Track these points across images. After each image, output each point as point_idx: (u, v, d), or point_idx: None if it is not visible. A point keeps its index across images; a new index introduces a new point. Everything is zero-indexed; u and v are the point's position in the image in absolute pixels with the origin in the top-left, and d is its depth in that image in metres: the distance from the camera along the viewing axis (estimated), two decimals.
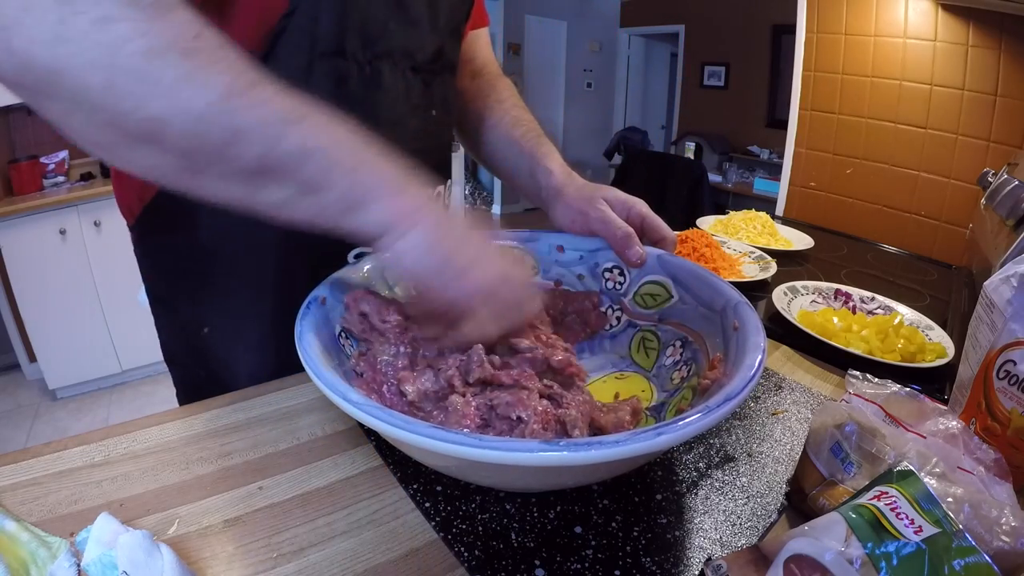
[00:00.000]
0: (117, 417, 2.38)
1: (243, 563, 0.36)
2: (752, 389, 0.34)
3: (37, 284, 2.27)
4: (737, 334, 0.42)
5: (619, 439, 0.29)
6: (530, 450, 0.28)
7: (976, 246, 0.95)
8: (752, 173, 4.15)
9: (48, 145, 2.50)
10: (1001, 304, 0.44)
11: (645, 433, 0.29)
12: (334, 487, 0.43)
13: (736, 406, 0.33)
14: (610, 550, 0.38)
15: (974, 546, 0.29)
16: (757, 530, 0.40)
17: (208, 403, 0.52)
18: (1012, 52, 1.47)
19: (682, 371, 0.48)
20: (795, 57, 1.92)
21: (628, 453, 0.29)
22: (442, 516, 0.40)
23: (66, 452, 0.45)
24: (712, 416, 0.31)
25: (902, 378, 0.55)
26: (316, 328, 0.42)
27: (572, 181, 0.59)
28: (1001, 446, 0.41)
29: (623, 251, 0.54)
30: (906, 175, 1.74)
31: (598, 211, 0.54)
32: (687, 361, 0.48)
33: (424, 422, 0.31)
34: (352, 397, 0.32)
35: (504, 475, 0.36)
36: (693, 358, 0.48)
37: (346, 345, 0.45)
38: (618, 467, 0.38)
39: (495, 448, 0.28)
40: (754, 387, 0.34)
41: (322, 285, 0.47)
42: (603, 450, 0.28)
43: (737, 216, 1.21)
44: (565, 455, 0.28)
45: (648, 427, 0.30)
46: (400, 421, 0.30)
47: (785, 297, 0.81)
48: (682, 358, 0.49)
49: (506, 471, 0.34)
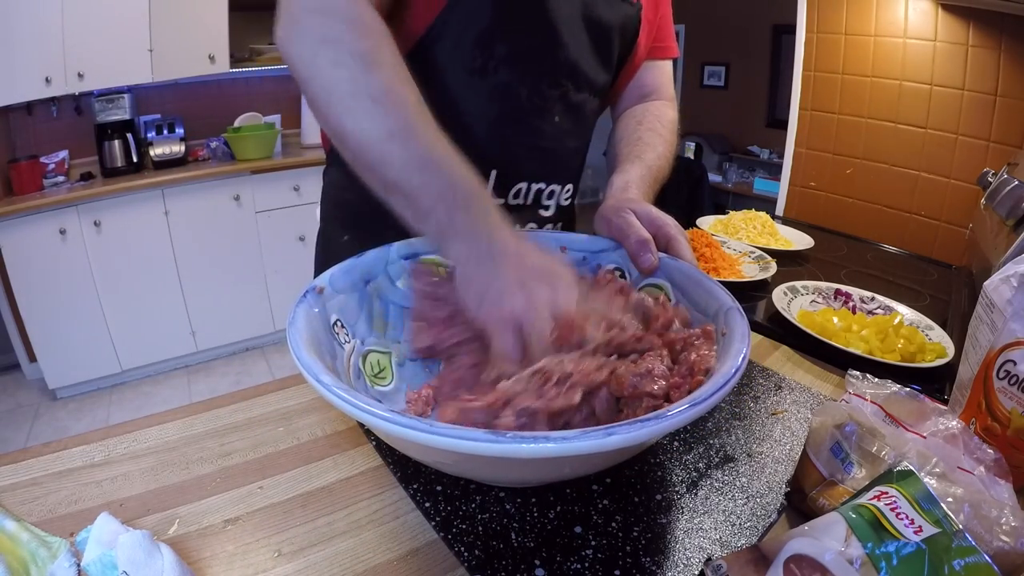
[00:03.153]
0: (117, 417, 2.38)
1: (243, 563, 0.36)
2: (723, 397, 0.34)
3: (37, 284, 2.27)
4: (723, 340, 0.42)
5: (567, 436, 0.29)
6: (476, 439, 0.29)
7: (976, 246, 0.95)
8: (752, 173, 4.14)
9: (48, 145, 2.49)
10: (1001, 304, 0.44)
11: (595, 432, 0.29)
12: (334, 487, 0.43)
13: (702, 412, 0.32)
14: (610, 550, 0.38)
15: (974, 546, 0.29)
16: (757, 530, 0.40)
17: (208, 403, 0.52)
18: (1012, 52, 1.47)
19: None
20: (795, 57, 1.92)
21: (574, 451, 0.29)
22: (442, 516, 0.40)
23: (66, 452, 0.45)
24: (668, 421, 0.31)
25: (902, 378, 0.55)
26: (309, 316, 0.43)
27: (620, 194, 0.62)
28: (1001, 446, 0.41)
29: (636, 257, 0.54)
30: (906, 175, 1.74)
31: (621, 218, 0.56)
32: None
33: (380, 404, 0.32)
34: (323, 379, 0.34)
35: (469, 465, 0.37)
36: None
37: (340, 334, 0.46)
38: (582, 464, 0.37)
39: (444, 435, 0.29)
40: (725, 395, 0.34)
41: (322, 276, 0.48)
42: (549, 445, 0.29)
43: (737, 216, 1.21)
44: (510, 447, 0.29)
45: (600, 427, 0.30)
46: (358, 401, 0.32)
47: (785, 297, 0.81)
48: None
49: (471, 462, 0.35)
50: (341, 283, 0.48)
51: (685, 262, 0.53)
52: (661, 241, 0.55)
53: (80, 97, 2.51)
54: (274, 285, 2.77)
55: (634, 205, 0.57)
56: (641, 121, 0.75)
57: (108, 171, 2.51)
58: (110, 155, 2.51)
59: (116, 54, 2.37)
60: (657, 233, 0.55)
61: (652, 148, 0.70)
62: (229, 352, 2.81)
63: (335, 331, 0.46)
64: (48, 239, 2.24)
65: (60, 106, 2.51)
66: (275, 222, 2.69)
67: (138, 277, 2.45)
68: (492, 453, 0.29)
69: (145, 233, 2.42)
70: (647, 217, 0.56)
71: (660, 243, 0.55)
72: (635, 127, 0.74)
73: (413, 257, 0.54)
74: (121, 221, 2.36)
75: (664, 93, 0.81)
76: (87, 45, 2.29)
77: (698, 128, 4.54)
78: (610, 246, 0.57)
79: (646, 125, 0.74)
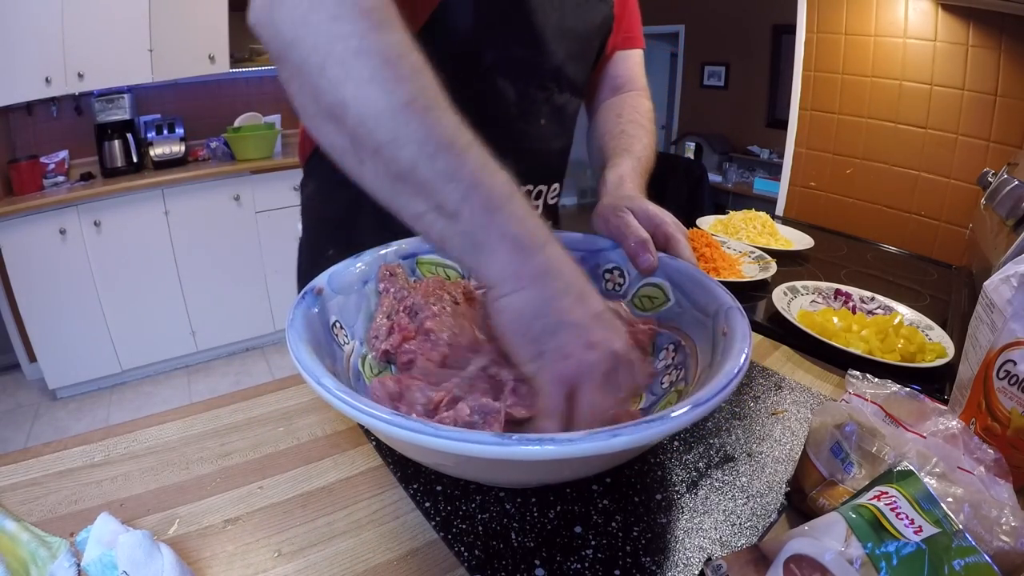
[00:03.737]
0: (117, 417, 2.38)
1: (243, 563, 0.36)
2: (726, 397, 0.34)
3: (37, 284, 2.27)
4: (724, 340, 0.42)
5: (571, 438, 0.29)
6: (480, 442, 0.29)
7: (976, 246, 0.95)
8: (752, 173, 4.14)
9: (48, 145, 2.50)
10: (1001, 304, 0.44)
11: (600, 434, 0.29)
12: (334, 487, 0.43)
13: (706, 413, 0.32)
14: (610, 550, 0.38)
15: (974, 546, 0.29)
16: (757, 530, 0.40)
17: (208, 403, 0.52)
18: (1012, 52, 1.47)
19: (672, 375, 0.48)
20: (795, 57, 1.92)
21: (579, 452, 0.29)
22: (442, 516, 0.40)
23: (66, 452, 0.45)
24: (672, 423, 0.31)
25: (902, 378, 0.55)
26: (308, 316, 0.43)
27: (616, 191, 0.61)
28: (1001, 446, 0.41)
29: (634, 257, 0.53)
30: (906, 175, 1.74)
31: (618, 218, 0.55)
32: (678, 365, 0.48)
33: (378, 404, 0.32)
34: (324, 381, 0.34)
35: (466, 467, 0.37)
36: (683, 363, 0.47)
37: (339, 335, 0.46)
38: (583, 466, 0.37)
39: (447, 438, 0.29)
40: (729, 394, 0.34)
41: (321, 276, 0.48)
42: (555, 447, 0.29)
43: (737, 216, 1.21)
44: (515, 450, 0.29)
45: (604, 429, 0.30)
46: (354, 399, 0.32)
47: (785, 297, 0.81)
48: (673, 362, 0.49)
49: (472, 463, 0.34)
50: (340, 284, 0.48)
51: (684, 261, 0.53)
52: (659, 240, 0.55)
53: (80, 97, 2.51)
54: (274, 285, 2.77)
55: (631, 203, 0.57)
56: (620, 114, 0.75)
57: (108, 171, 2.51)
58: (110, 155, 2.51)
59: (116, 54, 2.37)
60: (655, 232, 0.55)
61: (638, 140, 0.70)
62: (229, 352, 2.81)
63: (334, 332, 0.46)
64: (48, 239, 2.24)
65: (60, 106, 2.51)
66: (275, 222, 2.69)
67: (138, 277, 2.45)
68: (496, 456, 0.29)
69: (145, 233, 2.42)
70: (645, 215, 0.56)
71: (658, 242, 0.54)
72: (616, 120, 0.74)
73: (412, 257, 0.54)
74: (121, 221, 2.36)
75: (637, 84, 0.81)
76: (87, 45, 2.30)
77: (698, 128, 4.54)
78: (609, 246, 0.57)
79: (626, 117, 0.74)
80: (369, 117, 0.35)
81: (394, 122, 0.35)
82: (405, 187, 0.36)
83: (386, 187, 0.37)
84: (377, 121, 0.35)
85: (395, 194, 0.37)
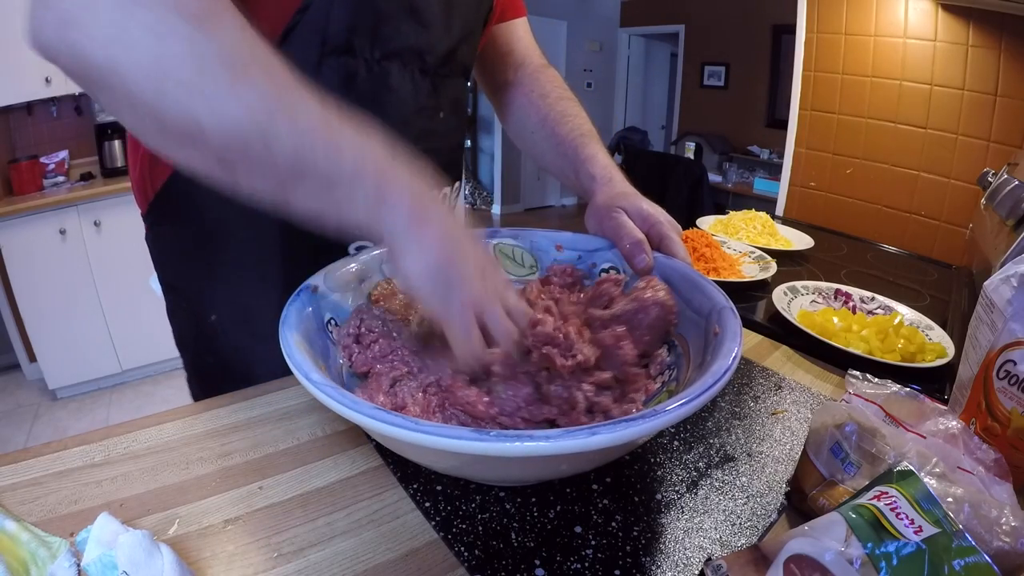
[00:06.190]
0: (117, 417, 2.38)
1: (243, 563, 0.36)
2: (712, 397, 0.34)
3: (37, 284, 2.27)
4: (715, 339, 0.42)
5: (550, 435, 0.29)
6: (460, 437, 0.29)
7: (976, 246, 0.95)
8: (752, 173, 4.15)
9: (48, 145, 2.50)
10: (1001, 304, 0.44)
11: (579, 431, 0.30)
12: (334, 487, 0.43)
13: (692, 411, 0.32)
14: (610, 550, 0.38)
15: (974, 546, 0.29)
16: (757, 530, 0.40)
17: (208, 403, 0.52)
18: (1012, 52, 1.47)
19: (664, 375, 0.48)
20: (795, 57, 1.92)
21: (558, 450, 0.29)
22: (442, 516, 0.40)
23: (66, 452, 0.45)
24: (656, 420, 0.31)
25: (902, 378, 0.55)
26: (302, 315, 0.43)
27: (607, 188, 0.59)
28: (1001, 446, 0.41)
29: (630, 258, 0.53)
30: (906, 175, 1.74)
31: (612, 219, 0.55)
32: (670, 365, 0.48)
33: (368, 402, 0.32)
34: (314, 377, 0.34)
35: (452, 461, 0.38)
36: (676, 362, 0.47)
37: (333, 333, 0.46)
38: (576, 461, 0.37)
39: (429, 433, 0.29)
40: (714, 395, 0.34)
41: (317, 275, 0.48)
42: (533, 443, 0.29)
43: (737, 216, 1.21)
44: (494, 445, 0.29)
45: (583, 427, 0.30)
46: (339, 394, 0.32)
47: (785, 297, 0.81)
48: (667, 362, 0.49)
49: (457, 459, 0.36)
50: (336, 282, 0.48)
51: (679, 260, 0.53)
52: (654, 239, 0.55)
53: (80, 97, 2.52)
54: None
55: (624, 202, 0.56)
56: (546, 94, 0.71)
57: (108, 171, 2.52)
58: (110, 155, 2.51)
59: None
60: (650, 231, 0.55)
61: (583, 119, 0.68)
62: None
63: (328, 330, 0.46)
64: (48, 239, 2.24)
65: (60, 106, 2.51)
66: None
67: (138, 277, 2.45)
68: (475, 451, 0.29)
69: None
70: (639, 215, 0.55)
71: (653, 241, 0.54)
72: (547, 103, 0.70)
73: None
74: (121, 221, 2.36)
75: (535, 55, 0.77)
76: None
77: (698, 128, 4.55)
78: (605, 245, 0.57)
79: (555, 95, 0.71)
80: (231, 129, 0.33)
81: (258, 126, 0.33)
82: (293, 188, 0.35)
83: (270, 185, 0.36)
84: (241, 130, 0.33)
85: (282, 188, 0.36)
